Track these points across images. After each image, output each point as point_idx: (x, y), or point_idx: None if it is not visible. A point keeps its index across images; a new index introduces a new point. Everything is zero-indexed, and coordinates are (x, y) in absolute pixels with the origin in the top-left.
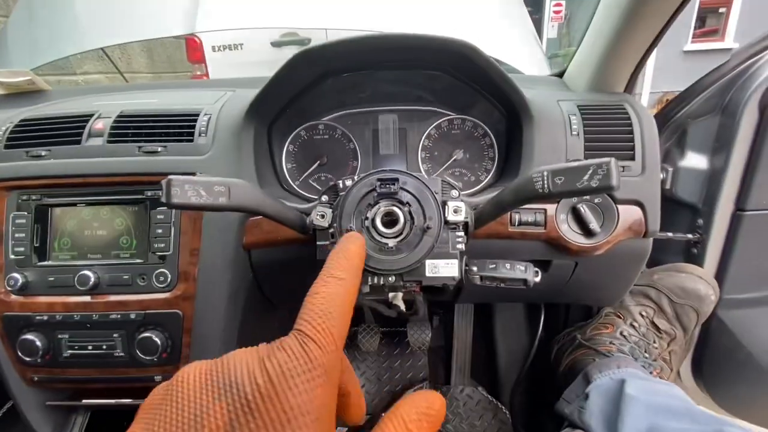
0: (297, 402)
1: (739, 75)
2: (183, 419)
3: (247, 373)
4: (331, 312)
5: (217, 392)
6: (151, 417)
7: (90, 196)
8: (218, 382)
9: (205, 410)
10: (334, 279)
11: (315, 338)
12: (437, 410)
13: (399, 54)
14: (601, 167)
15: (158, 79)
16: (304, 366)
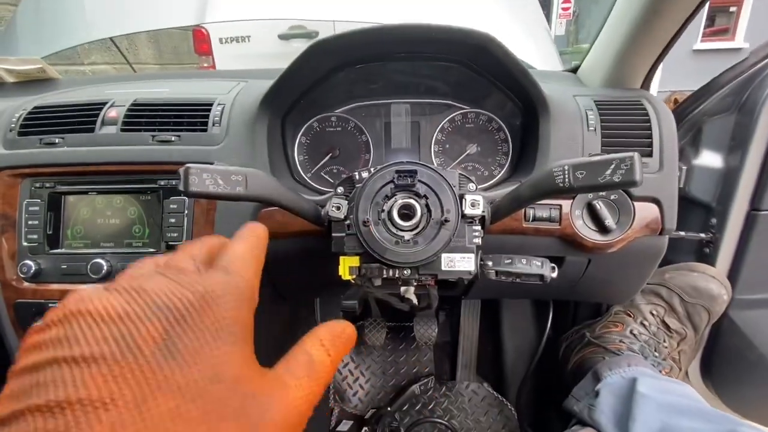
0: (226, 315)
1: (757, 73)
2: (106, 338)
3: (173, 293)
4: (250, 258)
5: (145, 312)
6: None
7: (103, 184)
8: (144, 304)
9: (132, 327)
10: (242, 240)
11: (239, 273)
12: (348, 334)
13: (415, 45)
14: (624, 161)
15: (165, 70)
16: (232, 290)
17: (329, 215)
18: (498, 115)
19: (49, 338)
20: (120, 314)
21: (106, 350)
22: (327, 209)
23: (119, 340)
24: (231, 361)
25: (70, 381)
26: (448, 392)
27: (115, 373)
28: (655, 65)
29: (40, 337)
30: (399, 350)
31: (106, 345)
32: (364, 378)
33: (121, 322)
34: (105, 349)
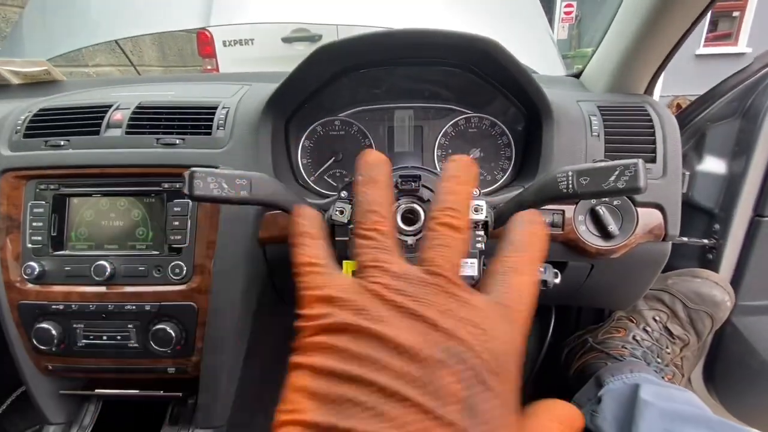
0: (514, 384)
1: (762, 79)
2: (408, 374)
3: (464, 342)
4: (531, 301)
5: (443, 357)
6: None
7: (107, 186)
8: (441, 346)
9: (432, 372)
10: (533, 264)
11: (519, 322)
12: (579, 425)
13: (420, 50)
14: (629, 168)
15: (169, 72)
16: (515, 349)
17: (332, 219)
18: (501, 120)
19: (353, 350)
20: (417, 351)
21: (413, 393)
22: (330, 213)
23: (425, 385)
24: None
25: (385, 416)
26: None
27: (425, 423)
28: (659, 71)
29: (332, 338)
30: None
31: (412, 387)
32: None
33: (420, 363)
34: (412, 392)
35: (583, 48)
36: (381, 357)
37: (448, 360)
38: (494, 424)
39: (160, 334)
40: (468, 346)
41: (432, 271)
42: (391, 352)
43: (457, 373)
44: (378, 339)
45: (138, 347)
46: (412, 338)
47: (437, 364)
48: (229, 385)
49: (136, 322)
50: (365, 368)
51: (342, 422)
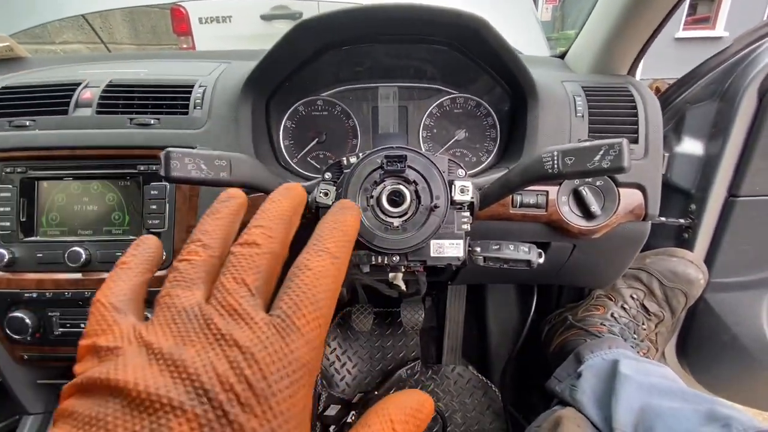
0: (280, 409)
1: (740, 61)
2: (144, 426)
3: (217, 376)
4: (323, 298)
5: (184, 401)
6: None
7: (79, 169)
8: (177, 386)
9: (164, 423)
10: (329, 255)
11: (302, 329)
12: (426, 413)
13: (403, 26)
14: (613, 147)
15: (142, 50)
16: (287, 367)
17: (317, 201)
18: (486, 101)
19: (84, 414)
20: (154, 401)
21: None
22: (314, 195)
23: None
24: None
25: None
26: (434, 375)
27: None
28: (642, 52)
29: (74, 402)
30: (386, 335)
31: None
32: (351, 363)
33: (152, 415)
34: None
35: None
36: (114, 416)
37: (188, 403)
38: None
39: None
40: (219, 380)
41: (217, 300)
42: (125, 407)
43: (194, 418)
44: (117, 393)
45: None
46: (153, 385)
47: (171, 411)
48: None
49: None
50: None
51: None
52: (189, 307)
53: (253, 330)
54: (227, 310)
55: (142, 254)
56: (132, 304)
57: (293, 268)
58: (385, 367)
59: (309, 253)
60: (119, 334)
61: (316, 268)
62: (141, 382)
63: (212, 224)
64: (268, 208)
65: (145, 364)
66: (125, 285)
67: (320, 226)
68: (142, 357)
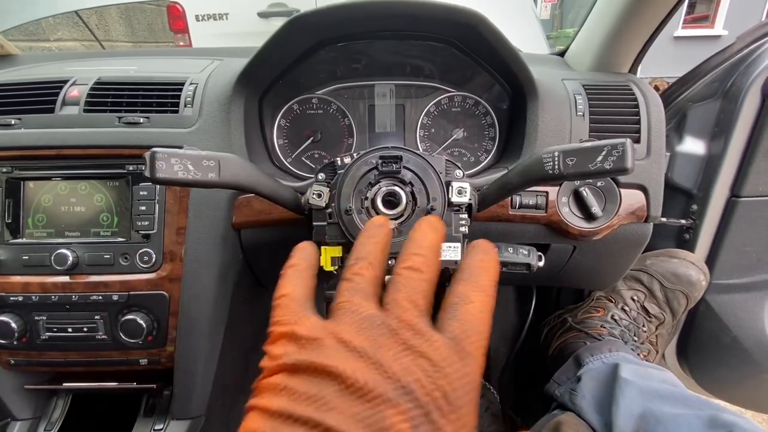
0: (467, 420)
1: (743, 59)
2: (357, 414)
3: (416, 381)
4: (485, 330)
5: (393, 397)
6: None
7: (66, 169)
8: (386, 382)
9: (381, 411)
10: (485, 293)
11: (473, 354)
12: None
13: (400, 22)
14: (616, 148)
15: (138, 48)
16: (468, 384)
17: (310, 203)
18: (485, 99)
19: (303, 391)
20: (369, 391)
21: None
22: (307, 197)
23: (371, 424)
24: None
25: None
26: None
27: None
28: (644, 49)
29: (287, 379)
30: None
31: (358, 426)
32: None
33: (370, 403)
34: (357, 431)
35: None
36: (332, 397)
37: (398, 399)
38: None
39: (129, 325)
40: (419, 384)
41: (394, 314)
42: (343, 392)
43: (405, 412)
44: (332, 378)
45: (107, 339)
46: (365, 377)
47: (386, 402)
48: (205, 374)
49: (103, 313)
50: (314, 409)
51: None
52: (371, 315)
53: (435, 347)
54: (407, 325)
55: (308, 258)
56: (311, 303)
57: (453, 297)
58: None
59: (467, 287)
60: (312, 326)
61: (478, 302)
62: (357, 374)
63: (373, 246)
64: (422, 239)
65: (350, 357)
66: (303, 283)
67: (470, 263)
68: (344, 352)
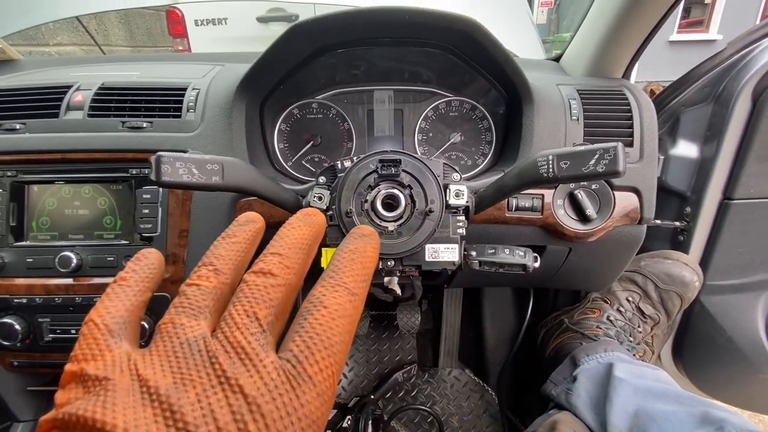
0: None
1: (734, 64)
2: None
3: (217, 430)
4: (338, 342)
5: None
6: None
7: (70, 173)
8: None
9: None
10: (347, 291)
11: (314, 378)
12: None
13: (398, 29)
14: (608, 152)
15: (137, 53)
16: (296, 424)
17: (311, 206)
18: (482, 104)
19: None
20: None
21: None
22: (308, 199)
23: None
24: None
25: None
26: (431, 379)
27: None
28: (636, 55)
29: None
30: (382, 339)
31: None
32: (347, 367)
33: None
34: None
35: (561, 33)
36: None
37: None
38: None
39: None
40: (220, 424)
41: (224, 334)
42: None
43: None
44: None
45: None
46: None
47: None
48: None
49: None
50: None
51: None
52: (193, 339)
53: (261, 375)
54: (234, 348)
55: (143, 270)
56: (128, 328)
57: (306, 303)
58: (382, 370)
59: (324, 287)
60: (110, 362)
61: (332, 305)
62: (131, 428)
63: (227, 248)
64: (287, 235)
65: (137, 404)
66: (122, 305)
67: (337, 255)
68: (135, 395)
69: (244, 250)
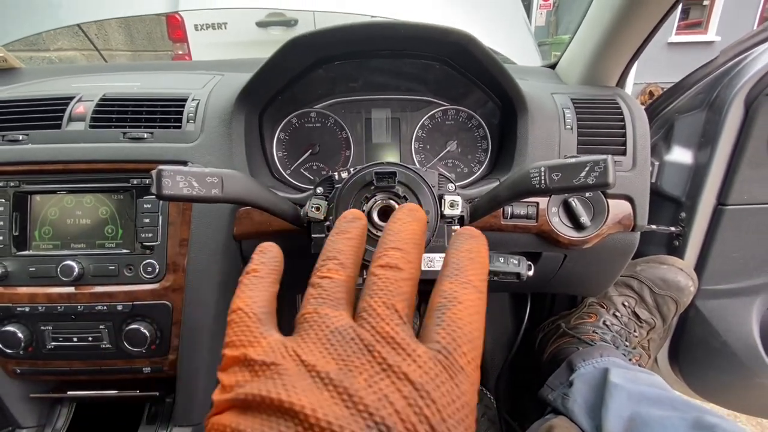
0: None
1: (727, 72)
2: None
3: (396, 413)
4: (478, 336)
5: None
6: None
7: (72, 183)
8: (356, 419)
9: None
10: (476, 289)
11: (466, 369)
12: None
13: (394, 43)
14: (598, 164)
15: (137, 57)
16: (462, 410)
17: (309, 216)
18: (478, 113)
19: (249, 426)
20: (339, 430)
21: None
22: (306, 210)
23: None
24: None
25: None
26: None
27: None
28: (630, 63)
29: (236, 418)
30: None
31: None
32: None
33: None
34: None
35: (560, 35)
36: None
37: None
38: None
39: (133, 334)
40: (398, 418)
41: (369, 324)
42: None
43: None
44: (290, 416)
45: (111, 348)
46: (330, 414)
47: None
48: (207, 382)
49: (108, 323)
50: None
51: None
52: (342, 328)
53: (419, 365)
54: (384, 338)
55: (271, 262)
56: (271, 317)
57: (439, 298)
58: None
59: (453, 284)
60: (270, 348)
61: (467, 302)
62: (318, 410)
63: (345, 244)
64: (400, 230)
65: (313, 388)
66: (262, 295)
67: (455, 254)
68: (307, 379)
69: (359, 245)
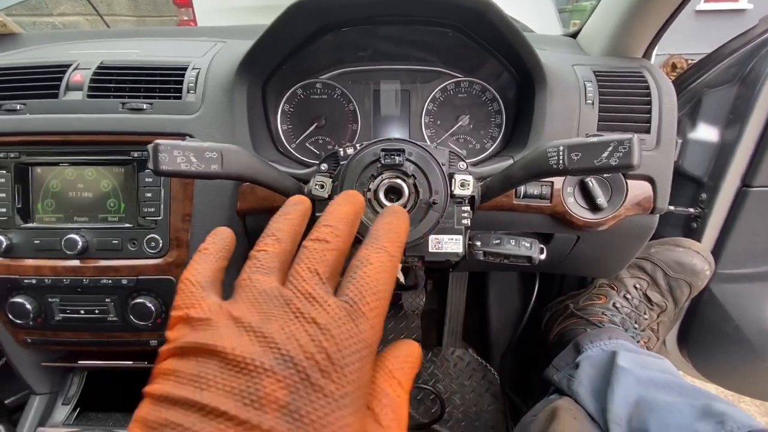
0: (353, 378)
1: (764, 43)
2: (233, 388)
3: (300, 347)
4: (382, 289)
5: (272, 365)
6: (190, 379)
7: (72, 155)
8: (266, 353)
9: (258, 382)
10: (387, 252)
11: (367, 314)
12: (416, 356)
13: (405, 7)
14: (623, 144)
15: (142, 22)
16: (357, 344)
17: (312, 194)
18: (492, 85)
19: (186, 372)
20: (248, 364)
21: (232, 406)
22: (310, 187)
23: (246, 396)
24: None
25: None
26: (434, 358)
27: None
28: (659, 33)
29: (175, 362)
30: (387, 318)
31: (233, 400)
32: None
33: (246, 376)
34: (231, 404)
35: (582, 1)
36: (212, 375)
37: (276, 367)
38: (320, 424)
39: (139, 308)
40: (301, 350)
41: (293, 285)
42: (222, 369)
43: (282, 379)
44: (215, 356)
45: (117, 321)
46: (246, 351)
47: (264, 372)
48: None
49: (113, 296)
50: (193, 389)
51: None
52: (269, 289)
53: (327, 311)
54: (303, 294)
55: (220, 242)
56: (214, 285)
57: (355, 261)
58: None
59: (368, 249)
60: (207, 308)
61: (376, 262)
62: (237, 348)
63: (284, 222)
64: (335, 210)
65: (236, 334)
66: (207, 267)
67: (376, 227)
68: (233, 328)
69: (298, 224)
